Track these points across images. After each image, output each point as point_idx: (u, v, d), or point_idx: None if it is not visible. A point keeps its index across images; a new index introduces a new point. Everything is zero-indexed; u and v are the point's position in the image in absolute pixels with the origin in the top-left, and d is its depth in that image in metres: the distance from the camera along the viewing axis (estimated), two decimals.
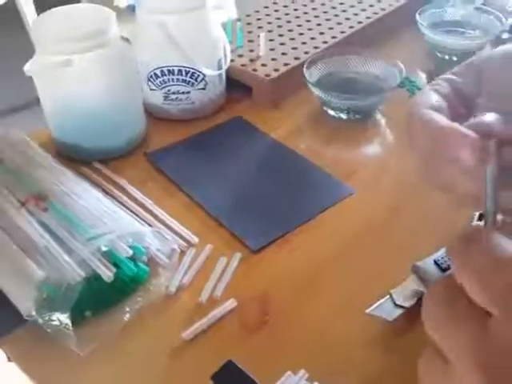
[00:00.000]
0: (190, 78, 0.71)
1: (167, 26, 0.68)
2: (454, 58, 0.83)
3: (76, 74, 0.62)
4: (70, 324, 0.46)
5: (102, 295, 0.49)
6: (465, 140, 0.31)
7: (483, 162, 0.30)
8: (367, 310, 0.46)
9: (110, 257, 0.49)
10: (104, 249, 0.48)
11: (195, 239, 0.56)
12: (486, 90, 0.36)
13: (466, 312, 0.24)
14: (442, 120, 0.33)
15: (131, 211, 0.58)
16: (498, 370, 0.22)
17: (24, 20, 1.86)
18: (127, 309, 0.50)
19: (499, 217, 0.29)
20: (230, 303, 0.50)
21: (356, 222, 0.59)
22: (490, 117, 0.31)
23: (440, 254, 0.50)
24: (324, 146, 0.70)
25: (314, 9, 0.90)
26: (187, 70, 0.70)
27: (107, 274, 0.47)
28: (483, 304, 0.24)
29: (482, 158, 0.30)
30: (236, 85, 0.77)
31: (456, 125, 0.32)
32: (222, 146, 0.69)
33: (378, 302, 0.47)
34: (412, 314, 0.47)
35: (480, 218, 0.53)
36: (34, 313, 0.47)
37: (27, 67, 0.61)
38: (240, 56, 0.79)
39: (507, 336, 0.22)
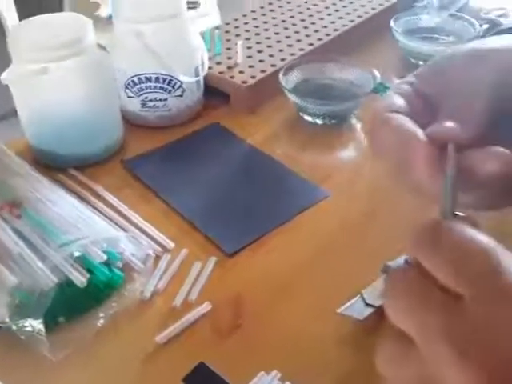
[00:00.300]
0: (168, 85, 0.71)
1: (144, 35, 0.68)
2: None
3: (52, 82, 0.62)
4: (43, 330, 0.46)
5: (76, 301, 0.49)
6: (419, 146, 0.32)
7: (435, 171, 0.31)
8: (338, 310, 0.47)
9: (84, 262, 0.49)
10: (76, 254, 0.48)
11: (171, 244, 0.56)
12: (449, 90, 0.36)
13: (436, 297, 0.25)
14: (407, 123, 0.34)
15: (107, 217, 0.58)
16: (471, 349, 0.23)
17: (5, 27, 1.85)
18: (101, 314, 0.50)
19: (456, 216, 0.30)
20: (205, 307, 0.50)
21: (331, 225, 0.59)
22: (447, 124, 0.32)
23: None
24: (300, 151, 0.71)
25: (291, 17, 0.91)
26: (164, 77, 0.71)
27: (80, 279, 0.47)
28: (456, 287, 0.24)
29: (432, 166, 0.31)
30: (214, 91, 0.77)
31: (415, 131, 0.33)
32: (199, 153, 0.70)
33: (350, 302, 0.48)
34: (382, 313, 0.47)
35: None
36: (7, 319, 0.47)
37: (3, 76, 0.61)
38: (218, 63, 0.80)
39: (479, 316, 0.23)
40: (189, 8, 1.74)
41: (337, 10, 0.93)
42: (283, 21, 0.90)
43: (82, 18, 0.65)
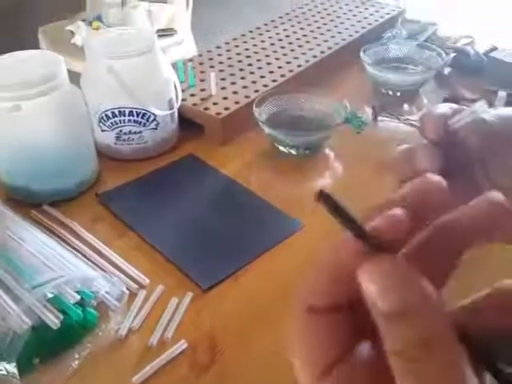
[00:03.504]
0: (142, 118, 0.72)
1: (115, 70, 0.69)
2: (398, 94, 0.87)
3: (25, 120, 0.62)
4: (17, 373, 0.46)
5: (50, 342, 0.48)
6: None
7: None
8: None
9: (57, 303, 0.48)
10: (49, 295, 0.47)
11: (146, 280, 0.56)
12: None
13: None
14: None
15: (81, 254, 0.58)
16: None
17: None
18: (76, 355, 0.49)
19: None
20: (180, 345, 0.50)
21: (305, 256, 0.60)
22: None
23: None
24: (275, 182, 0.71)
25: (263, 48, 0.93)
26: (138, 111, 0.71)
27: (54, 321, 0.47)
28: None
29: None
30: (188, 123, 0.78)
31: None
32: (173, 185, 0.70)
33: None
34: None
35: None
36: None
37: None
38: (192, 95, 0.80)
39: None
40: (165, 36, 1.75)
41: (307, 42, 0.95)
42: (256, 52, 0.92)
43: (54, 55, 0.66)
